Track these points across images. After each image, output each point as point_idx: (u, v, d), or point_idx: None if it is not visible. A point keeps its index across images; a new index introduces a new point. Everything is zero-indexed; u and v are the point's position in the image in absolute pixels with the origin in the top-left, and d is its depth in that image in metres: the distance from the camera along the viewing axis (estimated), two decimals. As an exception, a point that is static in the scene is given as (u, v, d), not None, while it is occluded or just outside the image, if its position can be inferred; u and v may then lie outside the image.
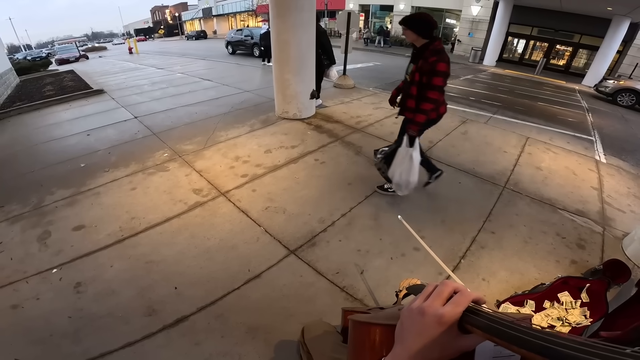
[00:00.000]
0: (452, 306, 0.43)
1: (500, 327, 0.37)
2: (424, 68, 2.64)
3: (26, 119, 6.01)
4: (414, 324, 0.46)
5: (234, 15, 38.84)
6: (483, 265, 2.48)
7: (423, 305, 0.45)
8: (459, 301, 0.44)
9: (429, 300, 0.46)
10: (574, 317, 1.88)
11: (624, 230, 3.07)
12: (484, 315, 0.41)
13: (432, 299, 0.46)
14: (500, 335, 0.37)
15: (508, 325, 0.37)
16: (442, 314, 0.43)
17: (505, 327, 0.37)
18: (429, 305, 0.45)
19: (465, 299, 0.44)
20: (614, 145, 5.71)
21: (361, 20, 24.99)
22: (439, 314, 0.43)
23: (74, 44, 26.33)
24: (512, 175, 3.89)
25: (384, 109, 6.09)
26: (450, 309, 0.43)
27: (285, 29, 4.73)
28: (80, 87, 8.17)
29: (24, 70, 12.30)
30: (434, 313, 0.43)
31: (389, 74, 10.79)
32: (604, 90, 10.85)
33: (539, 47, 18.77)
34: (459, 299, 0.44)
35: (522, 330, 0.35)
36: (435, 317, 0.43)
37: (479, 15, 18.72)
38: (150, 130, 4.91)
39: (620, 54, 14.93)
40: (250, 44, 14.45)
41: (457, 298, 0.44)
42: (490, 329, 0.38)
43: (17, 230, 2.73)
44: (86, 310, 1.98)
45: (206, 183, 3.43)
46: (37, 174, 3.72)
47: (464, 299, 0.44)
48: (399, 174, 2.94)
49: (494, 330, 0.38)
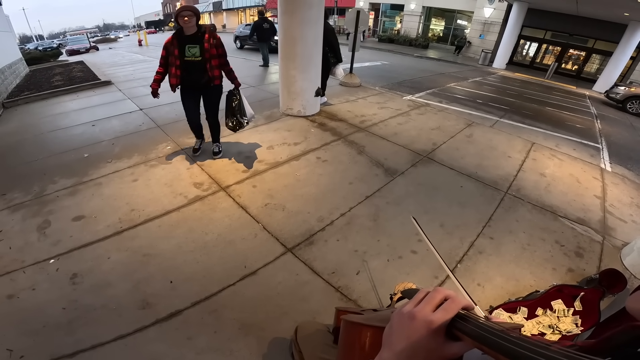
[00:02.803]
0: (442, 313, 0.44)
1: (489, 336, 0.37)
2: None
3: (33, 108, 6.07)
4: (403, 327, 0.46)
5: (243, 9, 38.80)
6: (479, 270, 2.47)
7: (414, 310, 0.46)
8: (448, 308, 0.44)
9: (420, 305, 0.46)
10: (565, 325, 1.88)
11: (624, 240, 3.04)
12: (473, 322, 0.41)
13: (423, 304, 0.46)
14: (489, 344, 0.37)
15: (497, 334, 0.37)
16: (432, 320, 0.43)
17: (494, 335, 0.37)
18: (420, 310, 0.45)
19: (455, 306, 0.44)
20: (621, 154, 5.63)
21: (371, 19, 24.85)
22: (428, 320, 0.43)
23: (85, 35, 26.50)
24: (515, 181, 3.85)
25: (389, 109, 6.06)
26: (440, 316, 0.43)
27: (293, 25, 4.72)
28: (88, 78, 8.22)
29: (34, 60, 12.39)
30: (423, 318, 0.44)
31: (396, 73, 10.73)
32: (615, 96, 10.68)
33: (551, 51, 18.51)
34: (449, 305, 0.44)
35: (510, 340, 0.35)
36: (425, 322, 0.43)
37: (491, 18, 18.51)
38: (154, 123, 4.93)
39: (633, 60, 14.67)
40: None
41: (447, 305, 0.45)
42: (480, 337, 0.38)
43: (17, 219, 2.76)
44: (81, 301, 2.00)
45: (207, 177, 3.44)
46: (41, 162, 3.76)
47: (454, 306, 0.44)
48: None
49: (482, 339, 0.38)
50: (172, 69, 3.25)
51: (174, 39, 3.18)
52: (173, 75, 3.27)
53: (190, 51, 3.22)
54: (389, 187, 3.47)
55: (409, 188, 3.49)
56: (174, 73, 3.26)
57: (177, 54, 3.19)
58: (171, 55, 3.20)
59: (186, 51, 3.20)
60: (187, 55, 3.22)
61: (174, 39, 3.18)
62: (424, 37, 22.70)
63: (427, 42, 22.09)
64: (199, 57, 3.25)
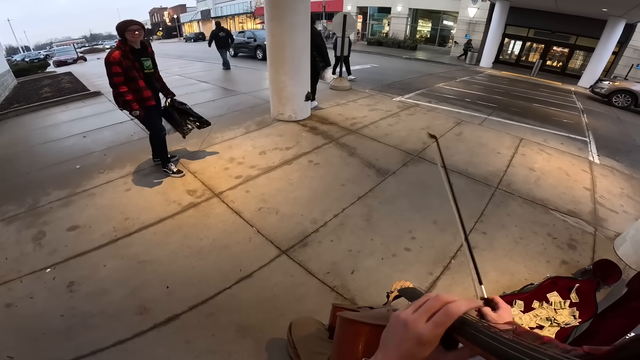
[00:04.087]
0: (432, 326, 0.42)
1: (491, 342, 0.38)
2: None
3: (24, 121, 6.04)
4: (396, 333, 0.46)
5: (232, 17, 38.91)
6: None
7: (409, 318, 0.45)
8: (440, 322, 0.42)
9: (415, 314, 0.45)
10: (563, 317, 1.90)
11: (616, 230, 3.10)
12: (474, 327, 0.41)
13: (419, 313, 0.45)
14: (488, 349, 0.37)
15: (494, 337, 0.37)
16: (421, 334, 0.42)
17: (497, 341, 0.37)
18: (414, 320, 0.44)
19: (447, 319, 0.42)
20: (609, 146, 5.75)
21: (359, 23, 25.06)
22: (417, 333, 0.42)
23: (72, 45, 26.32)
24: (505, 176, 3.93)
25: (379, 111, 6.13)
26: (430, 330, 0.42)
27: (280, 31, 4.77)
28: (77, 88, 8.19)
29: (22, 72, 12.29)
30: (413, 331, 0.43)
31: (386, 75, 10.83)
32: (600, 91, 10.89)
33: (535, 48, 18.82)
34: (441, 319, 0.42)
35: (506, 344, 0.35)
36: (415, 335, 0.43)
37: (475, 17, 18.78)
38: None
39: (615, 55, 14.98)
40: (253, 46, 14.27)
41: (439, 318, 0.42)
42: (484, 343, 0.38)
43: (12, 231, 2.76)
44: (79, 308, 2.01)
45: (200, 184, 3.46)
46: (34, 175, 3.75)
47: (447, 320, 0.42)
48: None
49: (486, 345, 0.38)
50: (140, 82, 3.12)
51: (129, 53, 3.02)
52: (143, 88, 3.15)
53: (145, 64, 3.18)
54: (381, 187, 3.52)
55: (401, 187, 3.54)
56: (143, 86, 3.15)
57: (138, 66, 3.11)
58: (130, 70, 3.03)
59: (143, 64, 3.15)
60: (145, 67, 3.18)
61: (128, 53, 3.01)
62: (412, 39, 22.93)
63: (415, 44, 22.30)
64: (152, 69, 3.28)
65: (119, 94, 3.04)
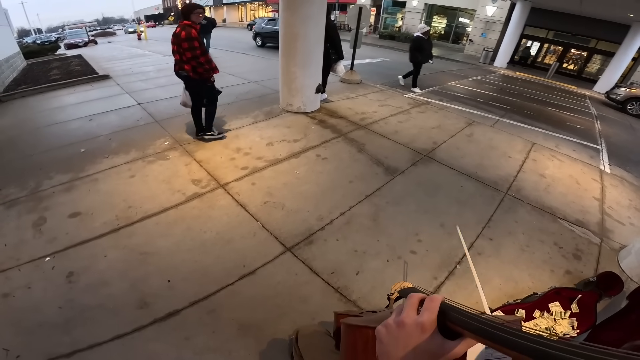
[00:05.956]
0: (427, 313, 0.43)
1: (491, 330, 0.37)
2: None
3: (30, 102, 6.00)
4: (397, 338, 0.45)
5: (244, 4, 38.53)
6: (478, 271, 2.45)
7: (400, 318, 0.45)
8: (430, 307, 0.44)
9: (403, 312, 0.46)
10: (562, 327, 1.90)
11: (621, 242, 3.04)
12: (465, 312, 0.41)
13: (406, 311, 0.46)
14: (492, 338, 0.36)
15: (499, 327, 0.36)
16: (422, 321, 0.43)
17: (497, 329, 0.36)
18: (406, 316, 0.45)
19: (434, 304, 0.44)
20: (620, 155, 5.61)
21: (372, 15, 24.69)
22: (419, 322, 0.43)
23: (84, 28, 26.24)
24: (515, 182, 3.84)
25: (389, 107, 6.03)
26: (427, 315, 0.43)
27: (294, 21, 4.66)
28: (86, 72, 8.13)
29: (32, 54, 12.22)
30: (414, 322, 0.43)
31: (397, 70, 10.65)
32: (615, 97, 10.65)
33: (552, 50, 18.45)
34: (429, 304, 0.44)
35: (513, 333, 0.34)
36: (417, 325, 0.43)
37: (493, 16, 18.39)
38: (152, 118, 4.88)
39: (635, 61, 14.62)
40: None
41: (427, 305, 0.44)
42: (481, 331, 0.38)
43: (13, 215, 2.72)
44: (77, 300, 1.97)
45: (205, 174, 3.41)
46: (38, 157, 3.71)
47: (434, 304, 0.44)
48: None
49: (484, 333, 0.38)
50: (209, 55, 3.66)
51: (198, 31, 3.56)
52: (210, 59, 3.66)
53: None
54: (389, 186, 3.45)
55: (409, 187, 3.47)
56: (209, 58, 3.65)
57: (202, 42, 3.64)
58: (202, 44, 3.55)
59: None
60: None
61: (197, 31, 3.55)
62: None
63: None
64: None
65: (206, 61, 3.57)
